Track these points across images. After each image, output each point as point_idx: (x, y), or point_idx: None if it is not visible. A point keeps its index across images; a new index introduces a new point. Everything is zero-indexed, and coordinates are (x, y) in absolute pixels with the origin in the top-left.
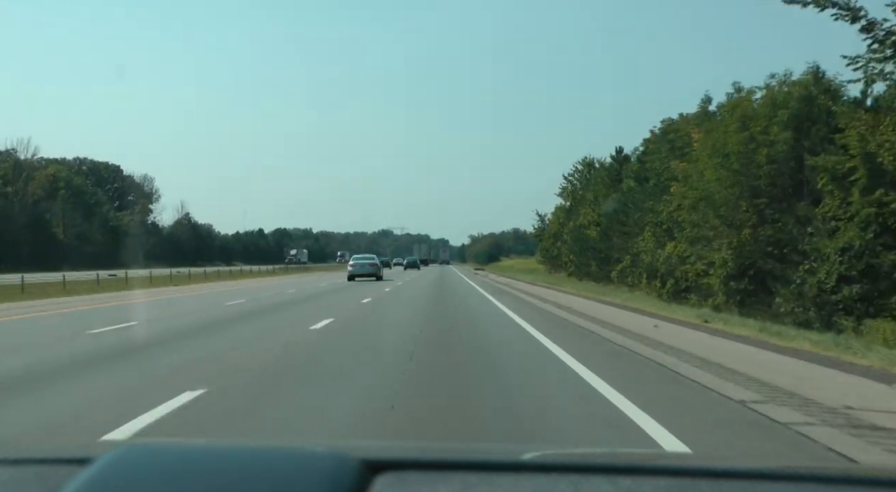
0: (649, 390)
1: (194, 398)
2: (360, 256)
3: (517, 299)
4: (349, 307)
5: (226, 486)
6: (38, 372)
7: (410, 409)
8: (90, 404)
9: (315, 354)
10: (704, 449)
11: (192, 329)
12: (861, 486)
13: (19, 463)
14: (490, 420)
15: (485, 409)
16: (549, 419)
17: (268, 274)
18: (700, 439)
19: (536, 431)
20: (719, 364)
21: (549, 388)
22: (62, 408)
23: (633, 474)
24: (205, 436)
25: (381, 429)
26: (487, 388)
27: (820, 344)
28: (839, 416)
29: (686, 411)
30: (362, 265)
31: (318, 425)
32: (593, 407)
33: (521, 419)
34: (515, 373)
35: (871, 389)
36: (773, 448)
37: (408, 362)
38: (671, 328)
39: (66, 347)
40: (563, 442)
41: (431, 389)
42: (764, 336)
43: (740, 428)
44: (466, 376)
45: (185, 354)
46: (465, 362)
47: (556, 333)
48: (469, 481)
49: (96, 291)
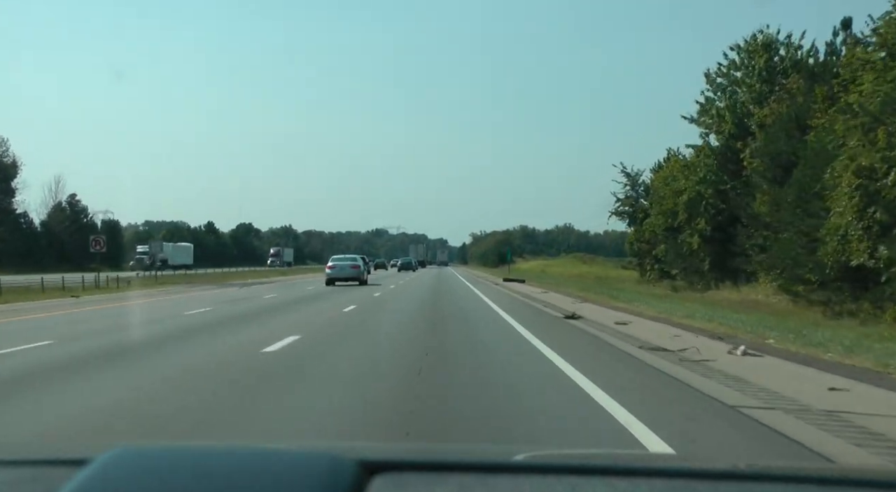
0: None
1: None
2: (341, 257)
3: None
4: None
5: (223, 487)
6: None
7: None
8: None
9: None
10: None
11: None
12: (853, 487)
13: (15, 464)
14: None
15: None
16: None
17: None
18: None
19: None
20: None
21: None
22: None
23: (629, 475)
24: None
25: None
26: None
27: None
28: None
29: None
30: (342, 267)
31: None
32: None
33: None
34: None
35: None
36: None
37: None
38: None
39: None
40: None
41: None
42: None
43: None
44: None
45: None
46: None
47: None
48: (466, 483)
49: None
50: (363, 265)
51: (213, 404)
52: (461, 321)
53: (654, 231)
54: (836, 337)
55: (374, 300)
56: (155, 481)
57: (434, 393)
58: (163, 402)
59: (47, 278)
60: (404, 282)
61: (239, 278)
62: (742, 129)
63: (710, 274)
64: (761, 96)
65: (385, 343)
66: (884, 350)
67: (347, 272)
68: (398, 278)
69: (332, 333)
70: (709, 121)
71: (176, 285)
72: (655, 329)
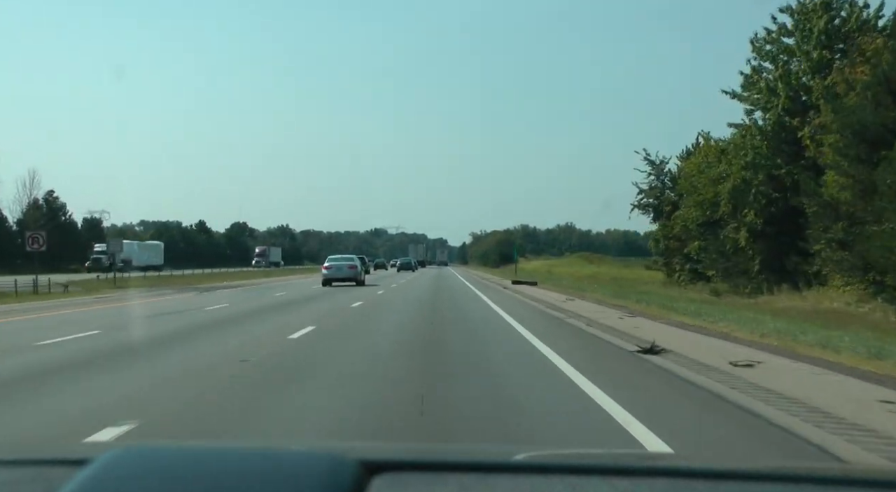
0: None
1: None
2: (338, 257)
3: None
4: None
5: (224, 487)
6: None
7: None
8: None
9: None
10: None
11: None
12: (855, 487)
13: (16, 464)
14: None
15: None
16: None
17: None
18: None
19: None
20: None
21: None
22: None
23: (629, 475)
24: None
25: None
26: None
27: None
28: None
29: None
30: (339, 267)
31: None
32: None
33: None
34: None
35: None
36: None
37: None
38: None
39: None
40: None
41: None
42: None
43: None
44: None
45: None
46: None
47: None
48: (466, 483)
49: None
50: (360, 266)
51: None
52: (476, 363)
53: (685, 225)
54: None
55: (354, 310)
56: (155, 481)
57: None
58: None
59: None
60: (397, 285)
61: (211, 281)
62: (798, 103)
63: (761, 276)
64: (821, 65)
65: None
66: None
67: (344, 273)
68: (398, 278)
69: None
70: (756, 96)
71: (121, 290)
72: (837, 386)
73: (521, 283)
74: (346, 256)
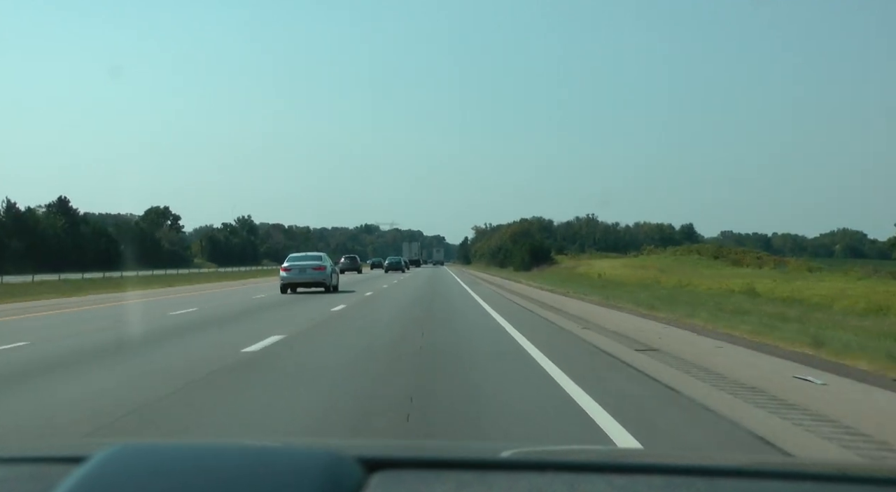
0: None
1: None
2: (299, 256)
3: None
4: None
5: (221, 484)
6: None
7: None
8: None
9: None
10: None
11: None
12: (864, 485)
13: (13, 462)
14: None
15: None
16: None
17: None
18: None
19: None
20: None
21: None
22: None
23: (627, 472)
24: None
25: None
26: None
27: None
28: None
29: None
30: (301, 269)
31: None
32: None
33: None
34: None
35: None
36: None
37: None
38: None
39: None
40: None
41: None
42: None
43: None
44: None
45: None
46: None
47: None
48: (464, 480)
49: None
50: (330, 267)
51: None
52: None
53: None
54: None
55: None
56: (153, 479)
57: None
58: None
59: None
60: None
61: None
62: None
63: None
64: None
65: None
66: None
67: (308, 276)
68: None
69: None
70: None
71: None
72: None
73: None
74: (312, 255)
